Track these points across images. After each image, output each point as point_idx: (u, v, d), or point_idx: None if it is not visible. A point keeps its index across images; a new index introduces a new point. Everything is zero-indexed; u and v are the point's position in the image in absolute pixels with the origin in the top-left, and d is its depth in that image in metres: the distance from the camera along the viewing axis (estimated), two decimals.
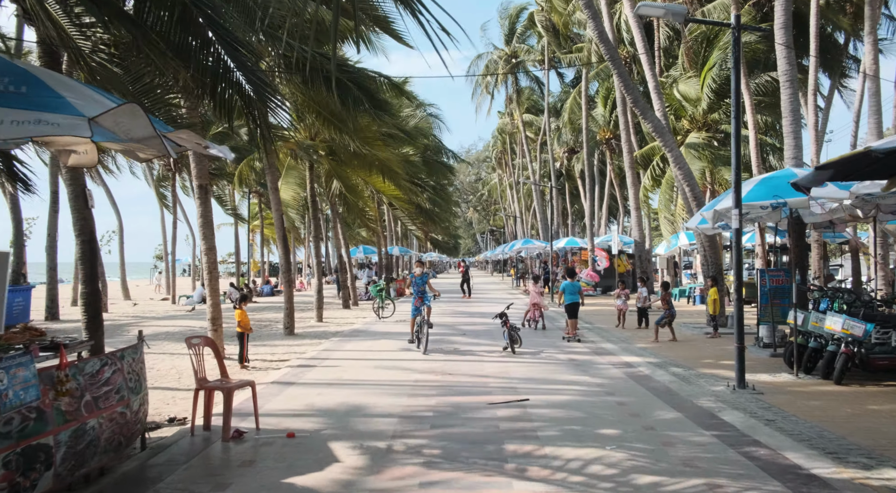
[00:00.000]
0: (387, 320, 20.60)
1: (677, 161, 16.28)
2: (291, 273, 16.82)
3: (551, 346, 14.28)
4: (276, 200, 16.51)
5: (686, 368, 11.16)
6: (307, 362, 12.32)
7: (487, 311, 23.84)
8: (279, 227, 16.49)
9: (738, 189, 8.97)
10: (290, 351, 14.02)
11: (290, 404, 8.71)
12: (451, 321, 20.06)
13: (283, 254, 16.66)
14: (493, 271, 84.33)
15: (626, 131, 24.28)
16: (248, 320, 11.97)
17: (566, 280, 16.44)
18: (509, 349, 13.11)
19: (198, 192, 12.49)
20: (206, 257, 12.62)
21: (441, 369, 11.38)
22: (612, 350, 13.44)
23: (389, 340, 15.57)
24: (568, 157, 53.76)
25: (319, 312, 20.32)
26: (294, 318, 16.92)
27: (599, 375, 10.62)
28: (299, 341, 15.64)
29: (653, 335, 15.65)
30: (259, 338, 16.53)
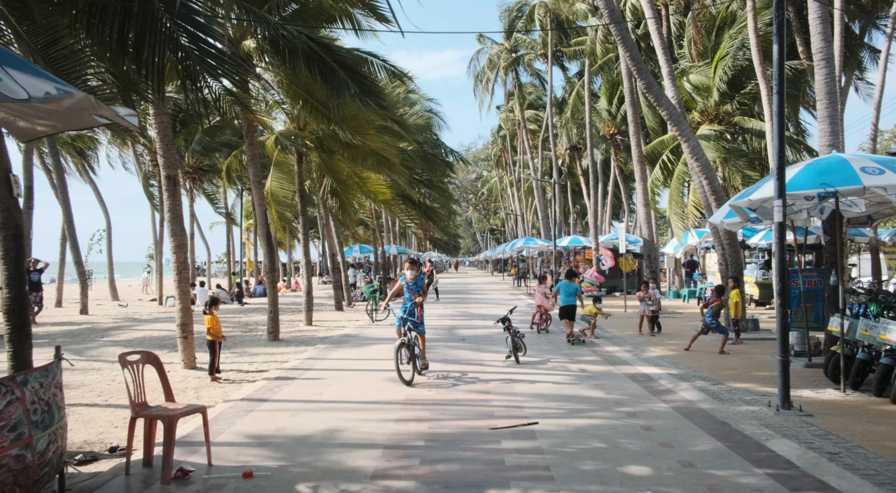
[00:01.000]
0: (381, 323, 19.30)
1: (694, 151, 14.97)
2: (276, 274, 15.52)
3: (558, 353, 12.98)
4: (258, 195, 15.21)
5: (713, 381, 9.86)
6: (287, 373, 11.01)
7: (488, 313, 22.58)
8: (262, 223, 15.20)
9: (782, 176, 7.66)
10: (271, 360, 12.72)
11: (257, 427, 7.40)
12: (449, 325, 18.76)
13: (267, 253, 15.38)
14: (493, 271, 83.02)
15: (634, 124, 22.98)
16: (220, 326, 10.66)
17: (563, 280, 15.25)
18: (512, 358, 11.82)
19: (165, 184, 11.19)
20: (175, 255, 11.33)
21: (437, 382, 10.08)
22: (626, 359, 12.14)
23: (381, 346, 14.28)
24: (570, 154, 52.45)
25: (309, 315, 19.02)
26: (279, 322, 15.62)
27: (616, 390, 9.31)
28: (282, 349, 14.34)
29: (672, 342, 14.36)
30: (240, 344, 15.24)
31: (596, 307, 15.22)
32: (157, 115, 11.03)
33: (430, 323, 19.15)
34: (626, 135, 40.94)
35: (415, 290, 10.80)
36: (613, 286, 34.28)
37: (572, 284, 15.06)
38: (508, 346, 12.01)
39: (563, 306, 14.98)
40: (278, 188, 19.48)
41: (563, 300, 15.00)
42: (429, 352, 12.95)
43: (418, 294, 10.75)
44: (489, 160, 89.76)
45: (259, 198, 15.30)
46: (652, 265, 23.07)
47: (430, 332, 16.58)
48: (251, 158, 15.27)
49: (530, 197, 68.17)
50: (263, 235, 15.33)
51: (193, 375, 11.02)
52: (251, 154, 15.26)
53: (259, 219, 15.37)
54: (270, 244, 15.43)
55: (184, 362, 11.41)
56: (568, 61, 47.86)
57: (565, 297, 14.98)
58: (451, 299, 30.90)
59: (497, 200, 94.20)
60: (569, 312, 14.84)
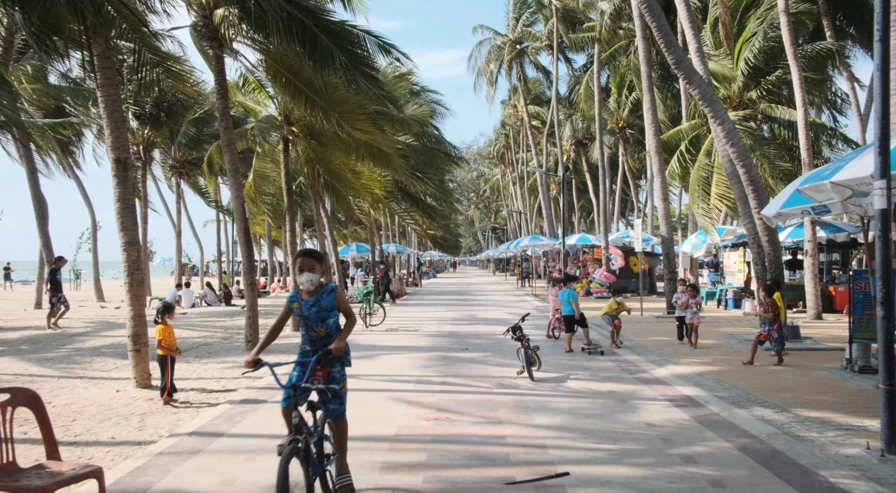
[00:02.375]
0: (375, 328, 17.53)
1: (729, 135, 13.16)
2: (254, 274, 13.73)
3: (578, 367, 11.18)
4: (234, 185, 13.43)
5: (774, 407, 8.05)
6: (258, 393, 9.23)
7: (493, 317, 20.80)
8: (239, 218, 13.42)
9: (886, 149, 5.86)
10: (237, 375, 10.92)
11: (198, 481, 5.62)
12: (450, 331, 16.96)
13: (245, 250, 13.59)
14: (495, 271, 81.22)
15: (651, 111, 21.17)
16: (174, 338, 8.86)
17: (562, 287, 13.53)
18: (526, 374, 10.04)
19: (114, 167, 9.40)
20: (126, 253, 9.55)
21: (436, 404, 8.31)
22: (659, 376, 10.33)
23: (371, 359, 12.49)
24: (576, 149, 50.65)
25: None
26: (258, 329, 13.82)
27: (658, 418, 7.52)
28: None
29: (705, 353, 12.55)
30: (214, 353, 13.45)
31: (617, 301, 13.35)
32: (104, 86, 9.24)
33: (429, 329, 17.45)
34: (635, 128, 39.17)
35: (316, 320, 5.21)
36: (623, 287, 32.44)
37: (570, 290, 13.29)
38: (521, 360, 10.22)
39: (564, 317, 13.28)
40: (262, 180, 17.68)
41: (564, 310, 13.27)
42: (428, 366, 11.17)
43: (327, 330, 5.17)
44: (491, 157, 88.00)
45: (236, 188, 13.51)
46: (671, 265, 21.26)
47: (430, 339, 14.82)
48: (227, 145, 13.48)
49: (533, 195, 66.36)
50: (241, 230, 13.55)
51: (146, 396, 9.23)
52: (226, 139, 13.47)
53: (236, 212, 13.59)
54: (248, 241, 13.64)
55: (136, 379, 9.63)
56: (574, 53, 46.07)
57: (564, 306, 13.24)
58: (451, 301, 29.13)
59: (499, 199, 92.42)
60: (570, 323, 13.11)
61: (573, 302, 13.10)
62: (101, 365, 11.95)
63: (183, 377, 10.66)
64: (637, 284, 33.19)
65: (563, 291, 13.18)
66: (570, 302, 13.06)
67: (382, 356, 12.67)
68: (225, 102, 13.53)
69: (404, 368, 11.27)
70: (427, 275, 64.17)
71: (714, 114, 13.16)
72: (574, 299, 13.10)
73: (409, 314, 22.41)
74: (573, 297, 13.07)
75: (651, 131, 21.14)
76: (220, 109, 13.58)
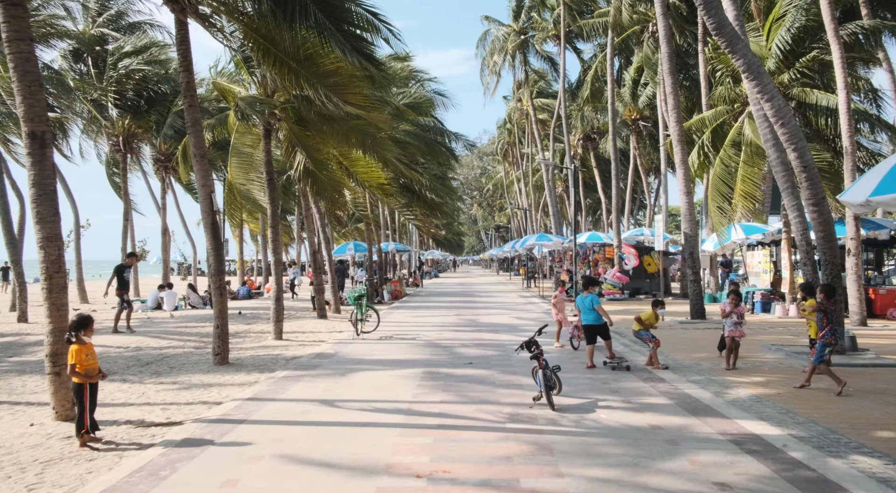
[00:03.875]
0: (367, 336, 15.59)
1: (780, 113, 11.18)
2: (223, 276, 11.78)
3: (605, 388, 9.23)
4: (201, 171, 11.49)
5: (882, 456, 6.08)
6: (207, 428, 7.29)
7: (499, 322, 18.84)
8: (206, 210, 11.48)
9: None
10: (200, 398, 9.00)
11: None
12: (451, 339, 15.01)
13: (213, 248, 11.64)
14: (498, 271, 79.23)
15: (673, 95, 19.17)
16: (93, 361, 6.88)
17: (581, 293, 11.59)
18: (543, 399, 8.10)
19: (28, 144, 7.47)
20: (44, 251, 7.63)
21: (431, 448, 6.38)
22: (709, 403, 8.35)
23: (356, 377, 10.55)
24: (583, 144, 48.69)
25: (278, 327, 15.30)
26: (227, 340, 11.89)
27: (730, 474, 5.57)
28: (227, 377, 10.62)
29: (751, 370, 10.59)
30: (175, 369, 11.53)
31: (657, 313, 11.34)
32: (13, 41, 7.30)
33: (428, 336, 15.37)
34: (649, 120, 37.20)
35: None
36: (637, 288, 30.49)
37: (590, 296, 11.32)
38: (538, 383, 8.27)
39: (585, 327, 11.30)
40: (238, 169, 15.71)
41: (584, 318, 11.31)
42: (423, 387, 9.22)
43: None
44: (495, 155, 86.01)
45: (202, 176, 11.56)
46: (695, 265, 19.28)
47: (428, 350, 12.68)
48: (191, 125, 11.54)
49: (538, 193, 64.40)
50: (208, 224, 11.60)
51: (64, 431, 7.30)
52: (191, 118, 11.52)
53: (202, 203, 11.65)
54: (217, 237, 11.70)
55: (55, 409, 7.70)
56: (583, 42, 44.13)
57: (584, 314, 11.27)
58: (453, 303, 27.18)
59: (503, 196, 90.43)
60: (591, 333, 11.17)
61: (599, 309, 11.14)
62: (33, 385, 10.03)
63: (125, 403, 8.76)
64: (651, 285, 31.30)
65: (585, 296, 11.22)
66: (595, 309, 11.11)
67: (370, 373, 10.73)
68: (189, 76, 11.60)
69: (394, 390, 9.33)
70: (429, 275, 62.24)
71: (762, 88, 11.20)
72: (599, 306, 11.14)
73: (406, 319, 20.48)
74: (597, 303, 11.11)
75: (673, 118, 19.16)
76: (183, 84, 11.65)
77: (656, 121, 35.29)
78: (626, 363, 11.09)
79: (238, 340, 15.63)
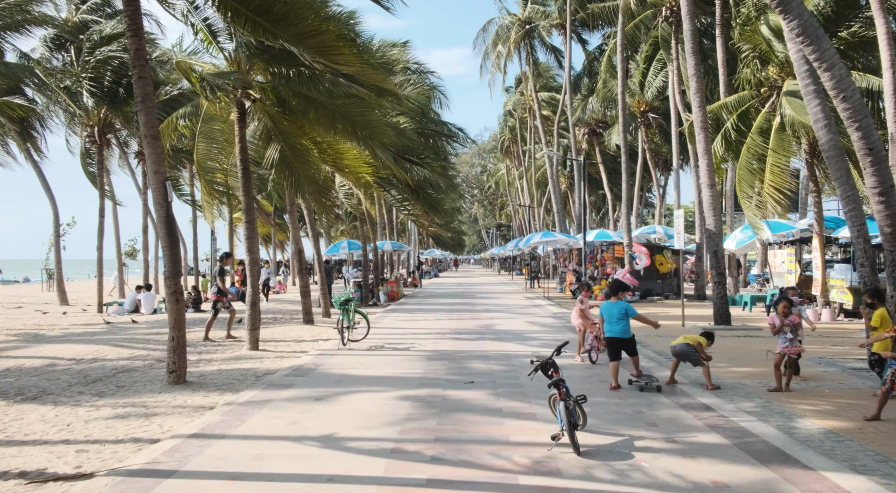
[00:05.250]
0: (355, 346, 13.79)
1: (842, 84, 9.37)
2: (179, 278, 9.96)
3: (638, 418, 7.41)
4: (153, 155, 9.68)
5: None
6: (117, 489, 5.48)
7: (504, 328, 16.93)
8: (160, 201, 9.66)
9: None
10: (131, 433, 7.19)
11: None
12: (449, 351, 13.18)
13: (168, 245, 9.82)
14: (500, 270, 77.42)
15: (696, 77, 17.34)
16: None
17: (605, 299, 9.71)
18: (565, 438, 6.30)
19: None
20: None
21: None
22: (777, 444, 6.53)
23: (332, 402, 8.73)
24: (589, 139, 46.84)
25: (253, 335, 13.50)
26: (185, 354, 10.08)
27: None
28: (179, 400, 8.81)
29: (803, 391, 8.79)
30: (124, 387, 9.75)
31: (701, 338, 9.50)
32: None
33: (423, 346, 13.25)
34: (658, 112, 35.39)
35: None
36: (649, 289, 28.64)
37: (619, 303, 9.40)
38: (558, 418, 6.46)
39: (610, 340, 9.35)
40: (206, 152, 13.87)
41: (608, 330, 9.39)
42: (413, 419, 7.33)
43: None
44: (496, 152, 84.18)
45: (154, 161, 9.75)
46: (719, 265, 17.46)
47: (422, 365, 10.44)
48: (141, 100, 9.72)
49: (540, 190, 62.57)
50: (161, 218, 9.79)
51: None
52: (141, 93, 9.71)
53: (154, 192, 9.84)
54: (172, 233, 9.88)
55: None
56: (588, 32, 42.31)
57: (610, 325, 9.38)
58: (453, 305, 25.34)
59: (504, 195, 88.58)
60: (617, 348, 9.33)
61: (639, 318, 9.26)
62: None
63: (38, 440, 6.97)
64: (664, 286, 29.48)
65: (613, 304, 9.37)
66: (626, 319, 9.24)
67: (351, 396, 8.91)
68: (139, 42, 9.79)
69: (378, 421, 7.52)
70: (428, 274, 60.43)
71: (820, 54, 9.40)
72: (637, 315, 9.27)
73: (401, 324, 18.68)
74: (632, 312, 9.23)
75: (696, 102, 17.33)
76: (132, 52, 9.85)
77: (666, 113, 33.49)
78: (655, 383, 9.29)
79: (209, 350, 13.84)
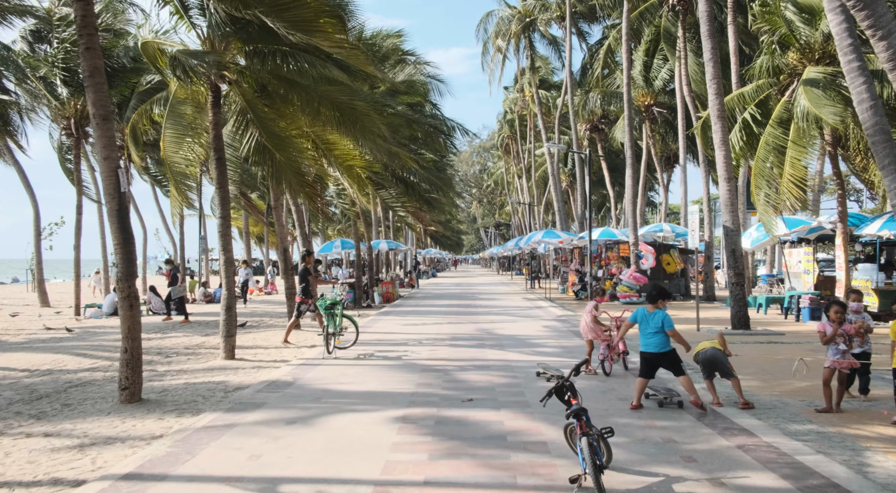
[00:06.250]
0: (342, 354, 12.49)
1: None
2: (133, 280, 8.63)
3: (673, 453, 6.12)
4: (103, 139, 8.36)
5: None
6: None
7: (505, 334, 15.44)
8: (111, 192, 8.33)
9: None
10: (52, 473, 5.91)
11: None
12: (445, 359, 11.87)
13: (120, 242, 8.49)
14: (499, 270, 76.13)
15: (712, 62, 16.05)
16: None
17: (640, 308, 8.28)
18: (587, 481, 5.01)
19: None
20: None
21: None
22: (853, 488, 5.25)
23: (313, 420, 7.42)
24: (590, 135, 45.51)
25: (229, 342, 12.19)
26: (140, 368, 8.76)
27: None
28: (125, 425, 7.51)
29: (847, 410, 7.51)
30: (70, 407, 8.45)
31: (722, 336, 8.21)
32: None
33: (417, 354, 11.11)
34: (664, 106, 34.09)
35: None
36: None
37: (657, 313, 7.91)
38: (579, 456, 5.17)
39: (645, 355, 7.89)
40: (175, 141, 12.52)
41: (644, 343, 7.96)
42: (401, 450, 5.92)
43: None
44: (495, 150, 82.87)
45: (104, 142, 8.42)
46: (737, 265, 16.18)
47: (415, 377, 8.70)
48: (89, 75, 8.40)
49: (540, 189, 61.29)
50: (112, 211, 8.47)
51: None
52: (89, 67, 8.38)
53: (105, 182, 8.52)
54: (125, 228, 8.56)
55: None
56: (589, 25, 41.07)
57: (645, 337, 7.94)
58: (451, 307, 24.03)
59: (503, 193, 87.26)
60: (653, 364, 7.91)
61: (672, 334, 7.87)
62: None
63: None
64: (670, 287, 28.16)
65: (651, 313, 7.93)
66: (664, 333, 7.81)
67: (328, 420, 7.59)
68: (86, 7, 8.49)
69: (357, 453, 6.22)
70: (426, 274, 59.11)
71: (874, 21, 8.11)
72: (673, 330, 7.87)
73: (395, 328, 17.38)
74: (669, 325, 7.81)
75: (713, 90, 16.04)
76: (78, 19, 8.54)
77: (672, 106, 32.22)
78: (676, 398, 8.06)
79: (181, 359, 12.54)
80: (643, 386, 7.86)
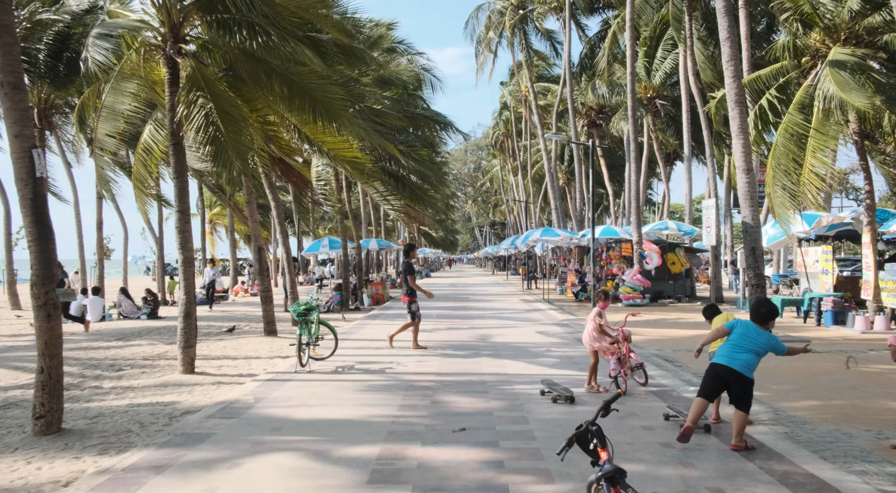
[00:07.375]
0: (318, 367, 10.95)
1: None
2: (53, 284, 7.09)
3: None
4: (14, 111, 6.84)
5: None
6: None
7: (501, 341, 13.52)
8: (24, 177, 6.80)
9: None
10: None
11: None
12: (434, 373, 10.32)
13: (35, 237, 6.96)
14: (494, 270, 74.62)
15: (729, 42, 14.58)
16: None
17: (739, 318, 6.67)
18: None
19: None
20: None
21: None
22: None
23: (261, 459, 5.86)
24: (588, 130, 44.06)
25: (188, 354, 10.63)
26: (61, 392, 7.20)
27: None
28: (23, 471, 5.97)
29: None
30: None
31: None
32: None
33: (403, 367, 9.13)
34: (667, 99, 32.65)
35: None
36: (659, 291, 25.89)
37: (765, 334, 6.11)
38: None
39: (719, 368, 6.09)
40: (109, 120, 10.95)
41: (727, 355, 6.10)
42: None
43: None
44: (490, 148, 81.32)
45: (16, 116, 6.89)
46: (757, 265, 14.71)
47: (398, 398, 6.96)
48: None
49: (536, 187, 59.81)
50: (26, 198, 6.93)
51: None
52: None
53: (16, 165, 6.98)
54: (42, 221, 7.02)
55: None
56: (587, 16, 39.57)
57: (732, 351, 6.08)
58: (444, 310, 22.49)
59: (498, 192, 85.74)
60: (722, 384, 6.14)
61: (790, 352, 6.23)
62: None
63: None
64: (676, 287, 26.71)
65: (759, 331, 6.11)
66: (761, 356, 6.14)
67: (280, 461, 6.04)
68: None
69: None
70: (420, 274, 57.57)
71: None
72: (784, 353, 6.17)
73: (382, 334, 15.76)
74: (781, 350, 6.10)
75: (730, 72, 14.57)
76: None
77: (676, 99, 30.76)
78: (703, 421, 6.59)
79: (134, 372, 11.00)
80: (703, 409, 6.20)
